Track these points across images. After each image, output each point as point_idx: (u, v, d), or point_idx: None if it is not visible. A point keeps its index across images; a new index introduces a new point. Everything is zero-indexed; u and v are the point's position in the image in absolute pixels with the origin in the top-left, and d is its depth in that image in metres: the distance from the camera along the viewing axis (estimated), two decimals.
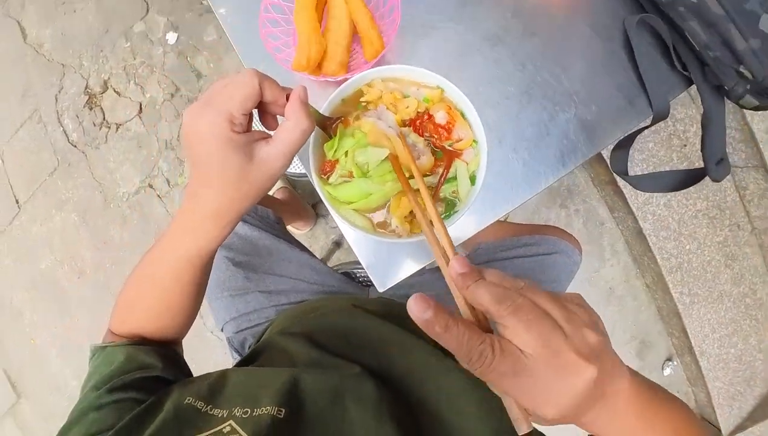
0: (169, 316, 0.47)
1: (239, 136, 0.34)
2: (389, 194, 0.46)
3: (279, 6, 0.57)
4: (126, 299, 0.47)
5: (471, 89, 0.58)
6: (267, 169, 0.36)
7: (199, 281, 0.44)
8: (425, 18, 0.60)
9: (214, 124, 0.33)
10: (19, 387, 1.65)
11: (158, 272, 0.43)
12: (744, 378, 1.40)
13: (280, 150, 0.36)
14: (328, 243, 1.49)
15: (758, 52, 0.50)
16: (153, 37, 1.57)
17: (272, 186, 0.38)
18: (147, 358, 0.45)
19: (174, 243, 0.41)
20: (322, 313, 0.60)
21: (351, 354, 0.49)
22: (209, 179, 0.35)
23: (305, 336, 0.52)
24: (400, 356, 0.50)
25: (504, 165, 0.58)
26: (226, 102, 0.34)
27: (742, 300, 1.35)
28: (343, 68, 0.54)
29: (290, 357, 0.50)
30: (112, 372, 0.42)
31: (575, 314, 0.27)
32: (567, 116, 0.59)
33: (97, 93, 1.58)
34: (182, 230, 0.40)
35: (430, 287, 0.76)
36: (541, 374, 0.25)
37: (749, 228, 1.32)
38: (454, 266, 0.30)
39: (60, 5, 1.64)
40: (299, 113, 0.35)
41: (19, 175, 1.62)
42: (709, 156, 0.60)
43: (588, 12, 0.61)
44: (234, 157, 0.34)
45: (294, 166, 1.03)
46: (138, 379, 0.42)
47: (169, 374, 0.45)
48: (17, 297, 1.63)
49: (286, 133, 0.35)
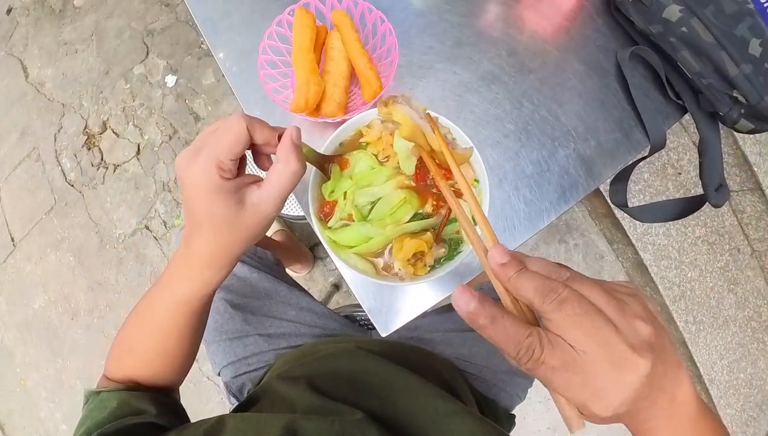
0: (165, 361, 0.45)
1: (229, 182, 0.33)
2: (390, 238, 0.45)
3: (277, 48, 0.57)
4: (122, 343, 0.45)
5: (470, 129, 0.58)
6: (259, 214, 0.35)
7: (196, 325, 0.43)
8: (422, 59, 0.60)
9: (203, 171, 0.32)
10: (8, 430, 1.58)
11: (155, 316, 0.41)
12: (756, 403, 1.35)
13: (271, 194, 0.35)
14: (327, 286, 1.47)
15: (750, 76, 0.51)
16: (152, 80, 1.59)
17: (267, 229, 0.37)
18: (140, 404, 0.42)
19: (170, 287, 0.40)
20: (323, 355, 0.58)
21: (354, 398, 0.47)
22: (200, 226, 0.35)
23: (305, 380, 0.50)
24: (405, 400, 0.47)
25: (506, 203, 0.57)
26: (214, 148, 0.33)
27: (748, 324, 1.33)
28: (341, 109, 0.54)
29: (290, 403, 0.48)
30: (105, 418, 0.41)
31: (627, 304, 0.25)
32: (566, 152, 0.58)
33: (96, 133, 1.58)
34: (178, 275, 0.39)
35: (434, 329, 0.73)
36: (592, 370, 0.23)
37: (749, 251, 1.30)
38: (493, 256, 0.27)
39: (62, 46, 1.67)
40: (290, 155, 0.34)
41: (16, 213, 1.60)
42: (708, 182, 0.60)
43: (581, 48, 0.61)
44: (224, 205, 0.33)
45: (291, 208, 1.01)
46: (130, 426, 0.40)
47: (164, 420, 0.43)
48: (9, 336, 1.58)
49: (277, 176, 0.34)
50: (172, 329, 0.41)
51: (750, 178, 1.21)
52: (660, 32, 0.56)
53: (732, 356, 1.32)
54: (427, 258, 0.44)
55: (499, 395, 0.71)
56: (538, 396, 1.38)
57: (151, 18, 1.63)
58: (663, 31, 0.55)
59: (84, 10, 1.70)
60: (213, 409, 1.44)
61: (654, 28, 0.57)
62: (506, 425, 0.73)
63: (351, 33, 0.55)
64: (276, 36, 0.57)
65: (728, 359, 1.32)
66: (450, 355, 0.71)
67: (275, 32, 0.57)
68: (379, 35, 0.57)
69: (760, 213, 1.25)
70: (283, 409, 0.47)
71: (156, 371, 0.45)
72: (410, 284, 0.45)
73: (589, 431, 1.38)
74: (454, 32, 0.61)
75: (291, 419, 0.39)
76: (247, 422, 0.40)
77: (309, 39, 0.54)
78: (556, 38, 0.62)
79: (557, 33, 0.62)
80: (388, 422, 0.44)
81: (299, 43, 0.54)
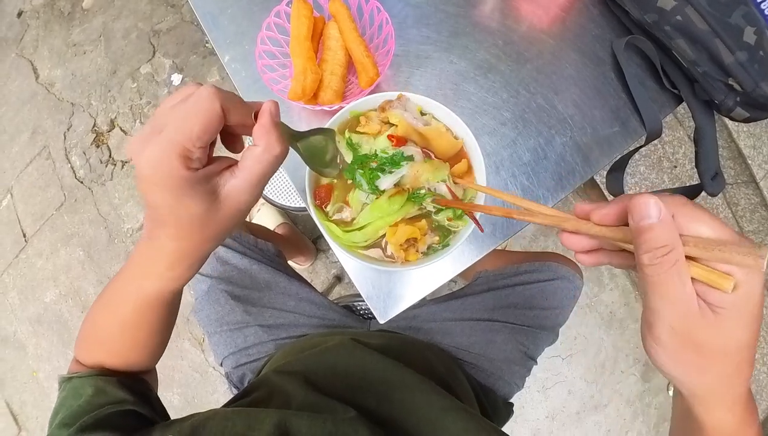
0: (137, 351, 0.41)
1: (196, 173, 0.27)
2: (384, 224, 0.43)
3: (275, 39, 0.56)
4: (92, 333, 0.42)
5: (467, 117, 0.57)
6: (232, 206, 0.29)
7: (167, 317, 0.39)
8: (419, 49, 0.59)
9: (162, 162, 0.25)
10: (21, 420, 1.58)
11: (123, 309, 0.37)
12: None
13: (248, 181, 0.28)
14: (329, 277, 1.45)
15: (745, 63, 0.50)
16: (158, 78, 1.58)
17: (241, 221, 0.32)
18: (117, 392, 0.39)
19: (137, 282, 0.34)
20: (321, 350, 0.56)
21: (349, 395, 0.46)
22: (165, 224, 0.29)
23: (302, 375, 0.49)
24: (400, 396, 0.46)
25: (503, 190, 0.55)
26: (177, 133, 0.25)
27: None
28: (338, 97, 0.53)
29: (285, 397, 0.46)
30: (81, 407, 0.38)
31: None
32: (563, 140, 0.57)
33: (105, 131, 1.58)
34: (141, 272, 0.34)
35: (432, 318, 0.72)
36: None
37: None
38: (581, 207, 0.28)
39: (71, 47, 1.66)
40: (270, 136, 0.28)
41: (27, 210, 1.60)
42: (704, 171, 0.59)
43: (577, 37, 0.60)
44: (191, 202, 0.27)
45: (295, 200, 1.00)
46: (110, 415, 0.37)
47: (143, 408, 0.40)
48: (21, 330, 1.57)
49: (253, 162, 0.28)
50: (141, 323, 0.38)
51: (744, 170, 1.19)
52: (655, 21, 0.55)
53: None
54: (420, 245, 0.43)
55: (497, 384, 0.69)
56: (537, 385, 1.37)
57: (157, 19, 1.62)
58: (658, 19, 0.54)
59: (92, 12, 1.69)
60: (219, 399, 1.43)
61: (649, 17, 0.55)
62: (504, 413, 0.71)
63: (348, 22, 0.53)
64: (274, 27, 0.56)
65: None
66: (448, 344, 0.69)
67: (273, 23, 0.56)
68: (376, 25, 0.56)
69: (754, 205, 1.23)
70: (279, 402, 0.46)
71: (128, 360, 0.42)
72: (402, 269, 0.43)
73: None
74: (451, 22, 0.60)
75: (283, 416, 0.37)
76: (238, 416, 0.38)
77: (306, 29, 0.53)
78: (552, 28, 0.60)
79: (553, 23, 0.61)
80: (382, 419, 0.42)
81: (297, 32, 0.53)
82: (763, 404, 1.33)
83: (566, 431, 1.36)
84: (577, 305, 0.79)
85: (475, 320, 0.70)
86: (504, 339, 0.69)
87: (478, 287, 0.74)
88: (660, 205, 0.23)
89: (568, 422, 1.36)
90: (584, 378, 1.37)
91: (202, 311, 0.70)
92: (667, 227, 0.23)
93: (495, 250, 0.54)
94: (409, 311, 0.54)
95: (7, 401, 1.59)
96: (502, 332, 0.69)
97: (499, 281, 0.73)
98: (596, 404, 1.37)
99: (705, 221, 0.23)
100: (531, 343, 0.70)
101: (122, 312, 0.37)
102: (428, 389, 0.46)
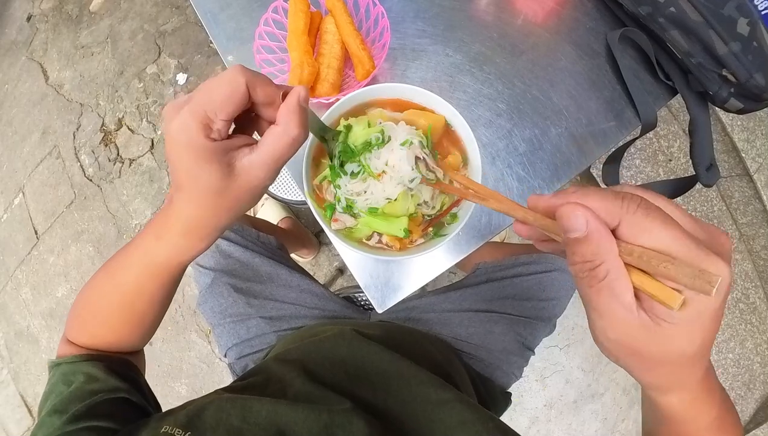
0: (133, 323, 0.40)
1: (215, 143, 0.27)
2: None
3: (273, 34, 0.55)
4: (85, 305, 0.41)
5: (463, 108, 0.56)
6: (250, 182, 0.29)
7: (168, 291, 0.38)
8: (415, 42, 0.58)
9: (186, 128, 0.26)
10: (35, 411, 1.59)
11: (124, 278, 0.36)
12: (743, 382, 1.33)
13: (264, 159, 0.28)
14: (332, 270, 1.45)
15: (739, 54, 0.49)
16: (164, 78, 1.57)
17: (258, 199, 0.32)
18: (109, 379, 0.38)
19: (146, 246, 0.34)
20: (320, 339, 0.55)
21: (347, 386, 0.44)
22: (182, 188, 0.29)
23: (300, 364, 0.48)
24: (397, 388, 0.45)
25: (499, 181, 0.55)
26: (203, 103, 0.26)
27: (736, 305, 1.30)
28: (335, 90, 0.52)
29: (282, 384, 0.45)
30: (72, 394, 0.36)
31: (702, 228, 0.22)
32: (558, 131, 0.55)
33: (112, 130, 1.57)
34: (155, 237, 0.33)
35: (431, 309, 0.71)
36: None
37: (737, 235, 1.27)
38: (534, 199, 0.25)
39: (79, 49, 1.65)
40: (292, 117, 0.28)
41: (39, 208, 1.60)
42: (699, 162, 0.58)
43: (571, 30, 0.59)
44: (208, 169, 0.27)
45: (296, 194, 0.99)
46: (102, 402, 0.36)
47: (134, 396, 0.39)
48: (34, 324, 1.58)
49: (272, 139, 0.28)
50: (143, 290, 0.36)
51: (738, 164, 1.18)
52: (649, 13, 0.53)
53: (721, 336, 1.30)
54: (414, 235, 0.42)
55: (495, 374, 0.69)
56: (535, 374, 1.36)
57: (163, 20, 1.62)
58: (651, 11, 0.53)
59: (99, 15, 1.69)
60: None
61: (643, 9, 0.54)
62: (503, 403, 0.71)
63: (344, 16, 0.52)
64: (272, 22, 0.55)
65: (717, 339, 1.29)
66: (446, 335, 0.69)
67: (271, 18, 0.55)
68: (372, 18, 0.55)
69: (748, 198, 1.21)
70: (275, 390, 0.45)
71: (120, 336, 0.41)
72: (398, 257, 0.42)
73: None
74: (446, 16, 0.59)
75: (278, 406, 0.37)
76: (233, 404, 0.37)
77: (303, 23, 0.52)
78: (547, 21, 0.59)
79: (548, 16, 0.59)
80: (378, 410, 0.41)
81: (294, 27, 0.52)
82: (756, 394, 1.32)
83: (564, 420, 1.35)
84: (574, 295, 0.78)
85: (474, 311, 0.69)
86: (502, 330, 0.68)
87: (477, 278, 0.73)
88: (587, 218, 0.20)
89: (565, 411, 1.36)
90: (581, 368, 1.37)
91: (205, 303, 0.69)
92: (594, 241, 0.20)
93: (493, 242, 0.53)
94: (409, 302, 0.53)
95: (22, 393, 1.60)
96: (500, 323, 0.68)
97: (497, 272, 0.72)
98: (593, 393, 1.36)
99: (657, 231, 0.20)
100: (529, 333, 0.69)
101: (125, 279, 0.36)
102: (426, 380, 0.45)
